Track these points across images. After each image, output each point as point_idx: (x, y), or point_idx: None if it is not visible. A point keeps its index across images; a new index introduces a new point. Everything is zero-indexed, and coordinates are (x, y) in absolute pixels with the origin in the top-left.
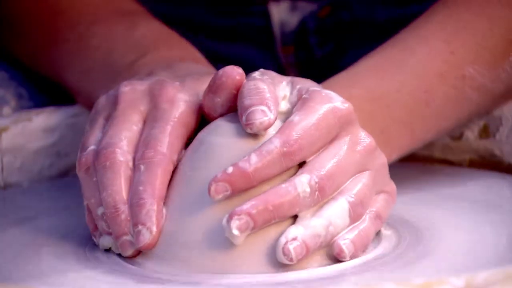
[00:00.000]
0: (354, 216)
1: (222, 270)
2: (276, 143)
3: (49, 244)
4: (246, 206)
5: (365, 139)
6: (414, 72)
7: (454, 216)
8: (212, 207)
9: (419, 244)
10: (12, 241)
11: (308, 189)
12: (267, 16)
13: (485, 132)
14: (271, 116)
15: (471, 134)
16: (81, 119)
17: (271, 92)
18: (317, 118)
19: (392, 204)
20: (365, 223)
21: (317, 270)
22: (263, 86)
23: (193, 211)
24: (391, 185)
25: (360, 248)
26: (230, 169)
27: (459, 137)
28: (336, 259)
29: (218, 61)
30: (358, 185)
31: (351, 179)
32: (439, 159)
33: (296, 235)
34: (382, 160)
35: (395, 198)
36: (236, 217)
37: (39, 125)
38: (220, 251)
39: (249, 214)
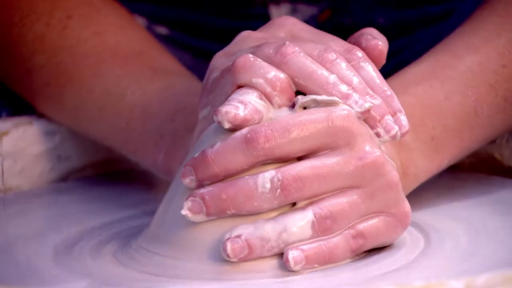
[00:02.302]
0: (320, 229)
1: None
2: (244, 131)
3: (49, 247)
4: (202, 190)
5: (369, 154)
6: (463, 80)
7: (453, 219)
8: (182, 196)
9: (418, 246)
10: (12, 244)
11: (268, 185)
12: (267, 18)
13: None
14: (240, 112)
15: None
16: None
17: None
18: (304, 119)
19: (396, 228)
20: (334, 239)
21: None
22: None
23: (170, 199)
24: (400, 208)
25: (316, 262)
26: (196, 154)
27: None
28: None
29: None
30: (338, 199)
31: (335, 192)
32: None
33: (241, 233)
34: (389, 179)
35: (406, 222)
36: (191, 198)
37: (40, 129)
38: (176, 241)
39: (202, 198)
